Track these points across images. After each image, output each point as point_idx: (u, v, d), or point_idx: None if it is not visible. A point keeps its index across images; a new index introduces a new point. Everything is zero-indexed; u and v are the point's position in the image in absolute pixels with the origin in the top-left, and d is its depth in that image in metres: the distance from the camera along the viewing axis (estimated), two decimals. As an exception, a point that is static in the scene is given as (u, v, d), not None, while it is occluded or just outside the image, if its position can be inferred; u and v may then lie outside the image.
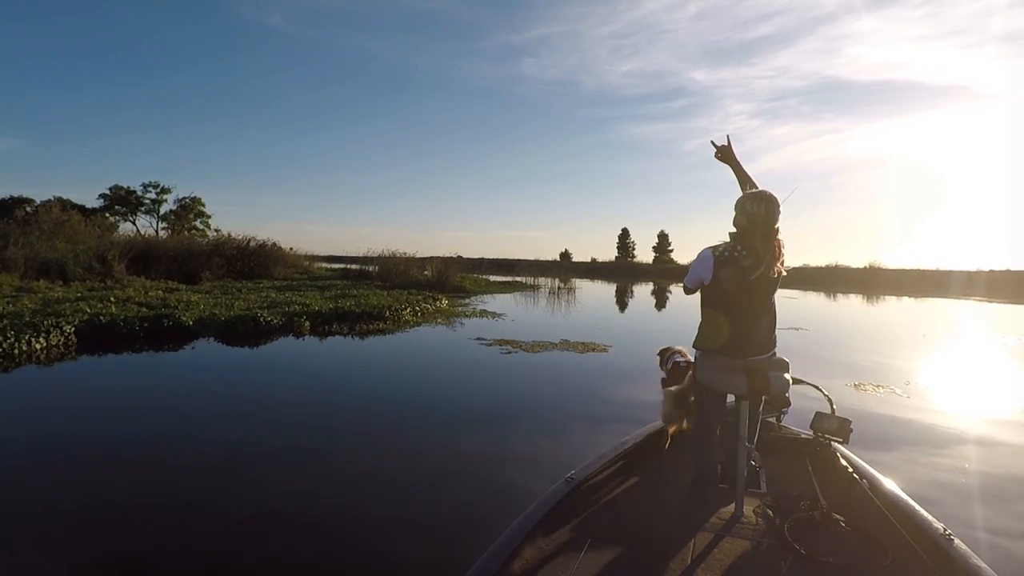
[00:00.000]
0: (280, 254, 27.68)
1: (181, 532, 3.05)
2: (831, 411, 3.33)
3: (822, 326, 14.37)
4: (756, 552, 2.30)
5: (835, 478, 3.00)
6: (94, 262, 18.98)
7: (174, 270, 21.85)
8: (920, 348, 11.20)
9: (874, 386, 6.95)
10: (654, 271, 56.16)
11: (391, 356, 8.81)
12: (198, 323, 10.29)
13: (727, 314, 2.58)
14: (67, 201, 51.12)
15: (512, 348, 9.02)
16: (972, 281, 37.95)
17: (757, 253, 2.49)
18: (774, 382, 2.55)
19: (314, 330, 10.90)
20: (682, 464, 3.11)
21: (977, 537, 3.14)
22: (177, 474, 3.88)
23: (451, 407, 5.82)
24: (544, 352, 8.80)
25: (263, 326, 10.45)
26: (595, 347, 9.29)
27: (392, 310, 12.62)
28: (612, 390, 6.72)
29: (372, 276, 24.32)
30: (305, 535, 3.00)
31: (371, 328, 11.17)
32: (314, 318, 11.38)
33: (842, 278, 43.57)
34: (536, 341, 9.69)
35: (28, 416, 5.31)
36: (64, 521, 3.16)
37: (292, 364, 8.15)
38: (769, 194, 2.56)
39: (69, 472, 3.88)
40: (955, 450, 4.76)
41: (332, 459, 4.25)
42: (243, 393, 6.30)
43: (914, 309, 23.61)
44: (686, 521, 2.54)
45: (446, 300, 17.19)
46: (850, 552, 2.27)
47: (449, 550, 2.92)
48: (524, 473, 4.00)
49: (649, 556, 2.25)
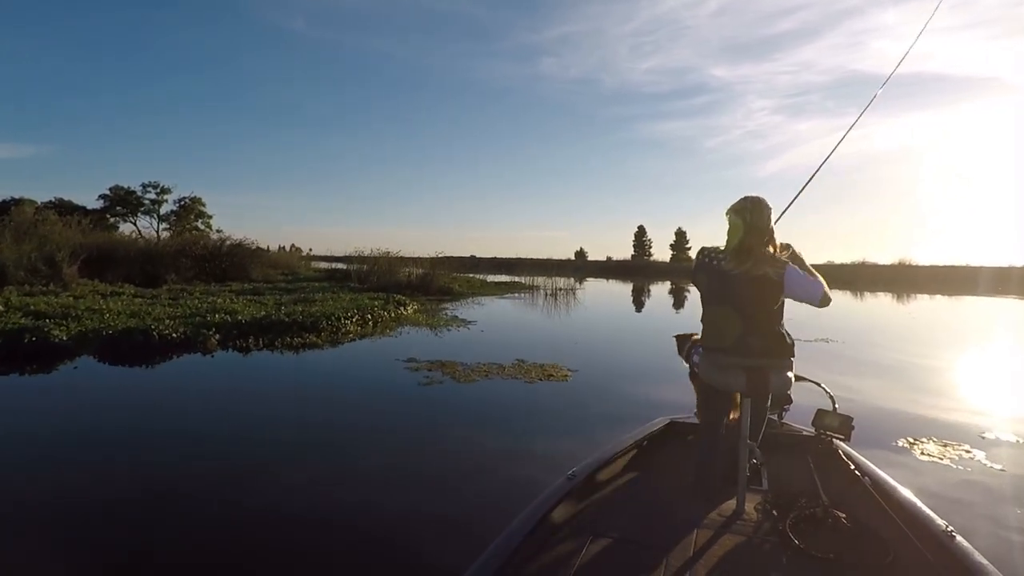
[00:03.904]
0: (259, 255, 25.98)
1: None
2: (833, 408, 3.31)
3: (854, 336, 12.01)
4: (758, 549, 2.29)
5: (837, 475, 2.98)
6: (40, 264, 17.39)
7: (135, 272, 20.27)
8: (986, 371, 8.90)
9: (940, 443, 4.73)
10: (670, 269, 53.54)
11: (276, 388, 6.79)
12: (75, 339, 8.44)
13: (724, 313, 2.61)
14: (67, 202, 50.85)
15: (443, 374, 6.95)
16: (1005, 278, 36.05)
17: (736, 256, 2.56)
18: (775, 380, 2.55)
19: (226, 344, 8.99)
20: (683, 461, 3.09)
21: (979, 533, 3.07)
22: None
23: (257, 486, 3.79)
24: (480, 381, 6.69)
25: (156, 341, 8.55)
26: (554, 372, 7.16)
27: (332, 320, 10.62)
28: (541, 455, 4.35)
29: (351, 277, 22.50)
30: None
31: (296, 343, 9.20)
32: (228, 331, 9.45)
33: (870, 275, 41.51)
34: (481, 363, 7.60)
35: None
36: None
37: (151, 395, 6.23)
38: (748, 202, 2.61)
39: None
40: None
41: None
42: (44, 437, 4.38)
43: (955, 311, 20.98)
44: (687, 518, 2.51)
45: (415, 305, 15.19)
46: (852, 549, 2.22)
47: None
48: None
49: (650, 553, 2.22)
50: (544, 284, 26.11)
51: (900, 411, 5.81)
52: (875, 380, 7.37)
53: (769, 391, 2.60)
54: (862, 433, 3.37)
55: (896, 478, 2.73)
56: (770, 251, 2.57)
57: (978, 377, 8.38)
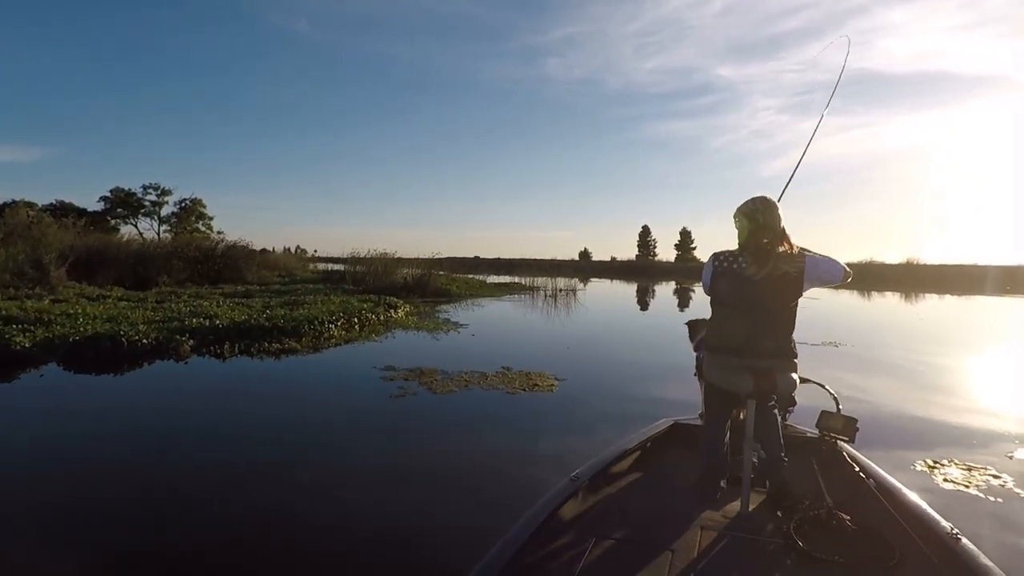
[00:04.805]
0: (255, 256, 25.60)
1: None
2: (837, 410, 3.28)
3: (864, 337, 11.46)
4: (762, 551, 2.26)
5: (841, 477, 2.93)
6: (27, 267, 17.04)
7: (127, 275, 19.92)
8: (999, 374, 8.37)
9: (962, 466, 4.21)
10: (674, 270, 52.87)
11: (230, 399, 6.29)
12: (40, 346, 8.04)
13: (733, 315, 2.59)
14: (68, 204, 50.69)
15: (419, 384, 6.46)
16: (1014, 277, 35.35)
17: (757, 259, 2.54)
18: (780, 382, 2.54)
19: (201, 350, 8.56)
20: (687, 462, 3.07)
21: (985, 536, 3.00)
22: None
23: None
24: (458, 392, 6.19)
25: (125, 348, 8.12)
26: (540, 382, 6.66)
27: (314, 324, 10.17)
28: (506, 481, 3.86)
29: (346, 279, 22.07)
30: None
31: (274, 348, 8.75)
32: (204, 336, 9.02)
33: (878, 274, 40.82)
34: (463, 371, 7.12)
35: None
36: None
37: (102, 406, 5.79)
38: (758, 203, 2.63)
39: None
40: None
41: None
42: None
43: (967, 311, 20.34)
44: (691, 520, 2.49)
45: (407, 308, 14.73)
46: (856, 551, 2.20)
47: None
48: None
49: (654, 555, 2.20)
50: (544, 285, 25.62)
51: (909, 415, 5.33)
52: (883, 383, 6.86)
53: (776, 392, 2.60)
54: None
55: (901, 480, 2.68)
56: (785, 249, 2.57)
57: (991, 381, 7.86)
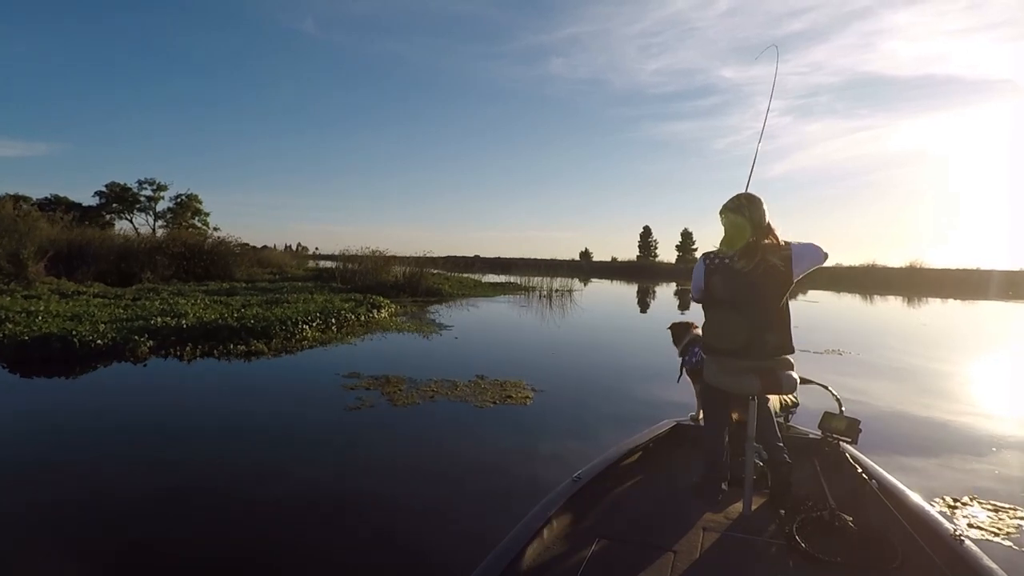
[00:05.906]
0: (245, 253, 25.09)
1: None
2: (839, 411, 3.26)
3: (867, 343, 10.88)
4: (764, 552, 2.25)
5: (843, 478, 2.90)
6: (3, 262, 16.55)
7: (111, 270, 19.43)
8: (998, 380, 7.81)
9: (989, 507, 3.66)
10: (675, 271, 52.20)
11: (167, 409, 5.75)
12: (-15, 346, 7.54)
13: (731, 314, 2.58)
14: (63, 199, 50.21)
15: (381, 394, 5.92)
16: (1017, 282, 34.98)
17: (746, 253, 2.55)
18: (781, 381, 2.53)
19: (161, 352, 8.05)
20: (689, 463, 3.06)
21: (988, 538, 2.98)
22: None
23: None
24: (421, 405, 5.63)
25: (77, 349, 7.60)
26: (514, 394, 6.10)
27: (287, 325, 9.64)
28: (452, 522, 3.25)
29: (336, 277, 21.56)
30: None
31: (239, 351, 8.23)
32: (166, 337, 8.50)
33: (880, 278, 40.34)
34: (433, 379, 6.57)
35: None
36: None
37: (35, 410, 5.26)
38: (744, 199, 2.64)
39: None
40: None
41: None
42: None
43: (971, 316, 19.75)
44: (693, 520, 2.48)
45: (392, 308, 14.19)
46: (858, 552, 2.18)
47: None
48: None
49: (656, 555, 2.19)
50: (540, 285, 25.07)
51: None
52: (886, 387, 6.31)
53: (781, 390, 2.60)
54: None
55: (904, 482, 2.66)
56: (771, 241, 2.57)
57: (993, 385, 7.31)
